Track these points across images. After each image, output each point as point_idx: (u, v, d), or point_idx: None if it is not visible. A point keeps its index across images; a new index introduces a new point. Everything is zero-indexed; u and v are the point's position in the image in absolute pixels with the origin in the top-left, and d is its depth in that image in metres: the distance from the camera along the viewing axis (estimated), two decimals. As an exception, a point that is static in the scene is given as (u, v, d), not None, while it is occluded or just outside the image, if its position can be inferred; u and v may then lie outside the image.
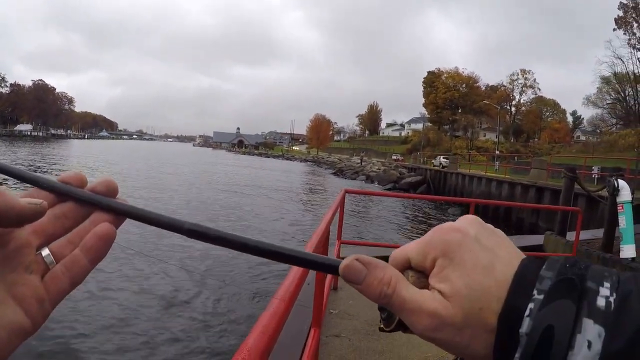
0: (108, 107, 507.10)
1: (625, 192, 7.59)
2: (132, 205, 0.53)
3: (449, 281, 0.46)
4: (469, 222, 0.52)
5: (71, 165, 52.98)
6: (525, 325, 0.41)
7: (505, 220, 27.10)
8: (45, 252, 0.49)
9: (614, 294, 0.40)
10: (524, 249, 6.17)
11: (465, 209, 32.32)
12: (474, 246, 0.48)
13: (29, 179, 0.52)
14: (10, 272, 0.46)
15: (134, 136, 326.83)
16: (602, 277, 0.42)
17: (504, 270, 0.46)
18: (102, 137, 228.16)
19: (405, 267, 0.51)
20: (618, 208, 7.64)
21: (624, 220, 7.51)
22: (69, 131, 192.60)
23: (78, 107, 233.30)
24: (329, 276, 4.36)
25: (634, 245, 7.44)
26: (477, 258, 0.47)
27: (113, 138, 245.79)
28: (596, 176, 29.71)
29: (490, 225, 0.53)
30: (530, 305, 0.41)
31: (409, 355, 4.90)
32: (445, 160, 54.69)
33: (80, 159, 56.25)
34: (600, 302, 0.40)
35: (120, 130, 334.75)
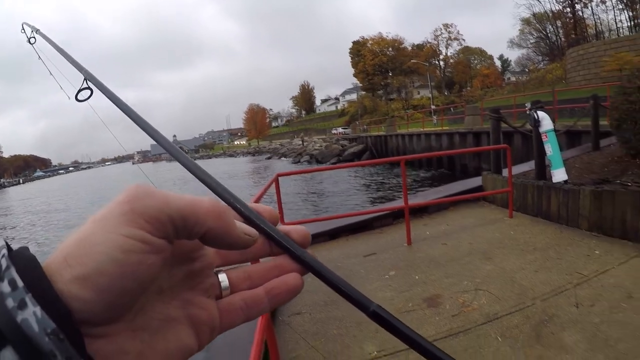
0: (37, 145, 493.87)
1: (546, 122, 7.82)
2: (321, 263, 0.52)
3: None
4: None
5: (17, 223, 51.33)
6: None
7: (451, 168, 27.81)
8: (223, 277, 0.50)
9: None
10: (467, 191, 6.49)
11: (409, 165, 33.03)
12: None
13: (237, 205, 0.51)
14: (188, 291, 0.47)
15: (70, 168, 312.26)
16: None
17: None
18: (38, 178, 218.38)
19: None
20: (542, 137, 7.86)
21: (550, 148, 7.75)
22: (1, 180, 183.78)
23: (6, 153, 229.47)
24: None
25: (563, 169, 7.72)
26: None
27: (49, 176, 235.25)
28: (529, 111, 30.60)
29: None
30: None
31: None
32: (345, 128, 55.33)
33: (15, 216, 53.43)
34: None
35: (55, 166, 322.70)
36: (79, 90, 0.88)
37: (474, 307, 4.96)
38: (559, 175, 7.67)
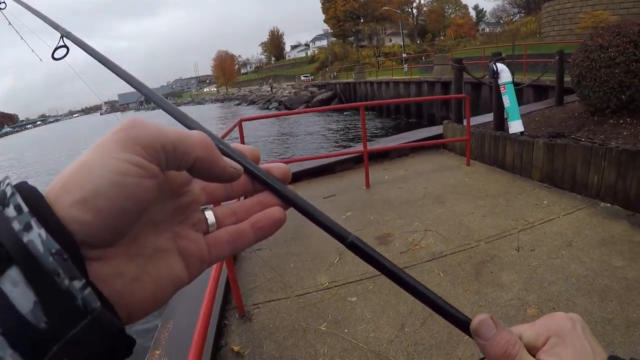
0: (3, 101, 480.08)
1: (505, 74, 8.01)
2: (302, 198, 0.54)
3: (559, 357, 0.51)
4: (578, 317, 0.56)
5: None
6: None
7: (418, 117, 27.96)
8: (209, 213, 0.52)
9: None
10: (427, 139, 6.77)
11: (377, 113, 33.17)
12: (581, 335, 0.53)
13: (220, 146, 0.52)
14: (178, 224, 0.48)
15: (38, 122, 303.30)
16: None
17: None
18: (6, 134, 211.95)
19: None
20: (501, 89, 8.09)
21: (508, 100, 7.95)
22: None
23: None
24: None
25: (520, 121, 7.91)
26: (583, 345, 0.52)
27: (17, 131, 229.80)
28: (506, 63, 30.74)
29: (589, 329, 0.56)
30: None
31: (323, 250, 5.42)
32: (306, 76, 54.82)
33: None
34: None
35: (22, 121, 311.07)
36: (56, 49, 0.90)
37: (421, 245, 5.29)
38: (515, 126, 7.88)
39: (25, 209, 0.34)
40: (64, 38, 0.90)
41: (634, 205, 5.79)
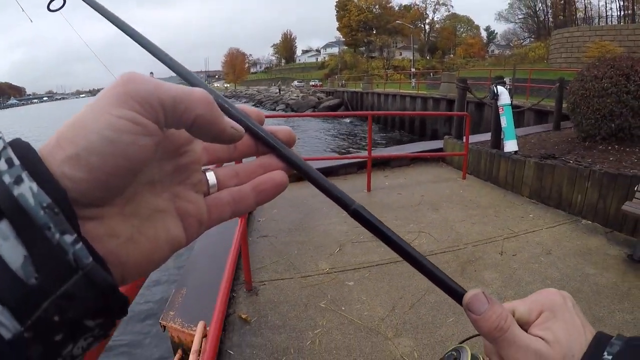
0: (12, 73, 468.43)
1: (504, 97, 8.58)
2: (307, 163, 0.52)
3: (551, 331, 0.53)
4: (568, 295, 0.58)
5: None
6: None
7: (421, 132, 28.22)
8: (210, 174, 0.50)
9: None
10: (428, 151, 7.37)
11: (382, 125, 33.41)
12: (572, 310, 0.55)
13: (224, 105, 0.49)
14: (177, 185, 0.47)
15: (45, 98, 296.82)
16: None
17: (588, 335, 0.53)
18: (11, 106, 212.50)
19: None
20: (499, 110, 8.65)
21: (505, 120, 8.54)
22: None
23: None
24: None
25: (514, 141, 8.52)
26: (574, 320, 0.54)
27: (23, 104, 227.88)
28: (508, 86, 30.94)
29: (578, 306, 0.58)
30: None
31: (324, 241, 5.97)
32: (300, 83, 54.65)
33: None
34: None
35: (29, 95, 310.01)
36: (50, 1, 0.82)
37: (414, 244, 5.76)
38: (510, 146, 8.48)
39: (16, 162, 0.34)
40: None
41: (612, 223, 6.34)
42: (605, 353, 0.49)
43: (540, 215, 7.01)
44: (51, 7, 0.84)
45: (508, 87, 8.79)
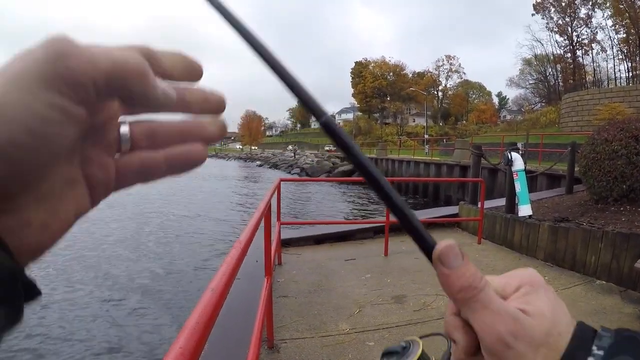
0: None
1: (518, 162, 8.75)
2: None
3: (532, 304, 0.47)
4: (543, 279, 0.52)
5: None
6: None
7: (435, 198, 28.37)
8: (125, 129, 0.44)
9: None
10: (443, 216, 7.52)
11: (397, 188, 33.44)
12: (551, 290, 0.49)
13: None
14: (90, 147, 0.41)
15: None
16: None
17: (568, 322, 0.47)
18: None
19: None
20: (514, 176, 8.81)
21: (519, 185, 8.71)
22: None
23: None
24: (273, 251, 5.09)
25: (529, 205, 8.67)
26: (555, 299, 0.48)
27: None
28: (521, 151, 31.05)
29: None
30: None
31: (344, 303, 6.08)
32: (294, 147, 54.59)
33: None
34: None
35: None
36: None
37: (432, 306, 5.92)
38: (524, 210, 8.62)
39: None
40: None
41: (626, 282, 6.43)
42: (595, 347, 0.44)
43: (555, 277, 7.08)
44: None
45: (521, 152, 8.99)
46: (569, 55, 76.18)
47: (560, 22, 75.00)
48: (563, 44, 76.79)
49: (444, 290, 0.48)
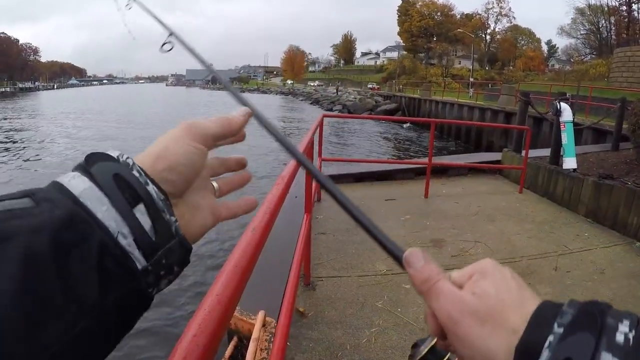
0: (75, 54, 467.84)
1: (566, 113, 8.58)
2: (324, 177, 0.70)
3: (480, 287, 0.53)
4: (508, 268, 0.57)
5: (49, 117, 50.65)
6: (544, 357, 0.43)
7: (477, 143, 28.06)
8: (215, 184, 0.72)
9: (633, 331, 0.42)
10: (486, 162, 7.43)
11: (438, 133, 33.11)
12: (507, 275, 0.55)
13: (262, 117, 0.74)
14: (204, 189, 0.67)
15: (104, 81, 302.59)
16: (621, 315, 0.45)
17: (528, 303, 0.51)
18: (72, 85, 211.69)
19: None
20: (561, 127, 8.64)
21: (566, 137, 8.53)
22: (36, 83, 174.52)
23: (44, 57, 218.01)
24: (314, 187, 5.09)
25: (574, 158, 8.51)
26: (505, 279, 0.54)
27: (83, 85, 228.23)
28: (570, 103, 30.38)
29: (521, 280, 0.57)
30: (550, 338, 0.44)
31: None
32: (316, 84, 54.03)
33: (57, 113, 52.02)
34: (619, 337, 0.42)
35: (90, 77, 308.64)
36: (163, 44, 1.01)
37: (470, 253, 5.93)
38: (569, 163, 8.48)
39: (142, 172, 0.54)
40: (171, 36, 1.01)
41: (667, 247, 6.26)
42: (556, 325, 0.46)
43: (595, 234, 7.00)
44: (164, 49, 1.05)
45: (570, 103, 8.79)
46: (624, 7, 73.78)
47: (617, -29, 72.66)
48: (619, -5, 74.30)
49: (413, 287, 0.58)
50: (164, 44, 1.03)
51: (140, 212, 0.52)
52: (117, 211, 0.50)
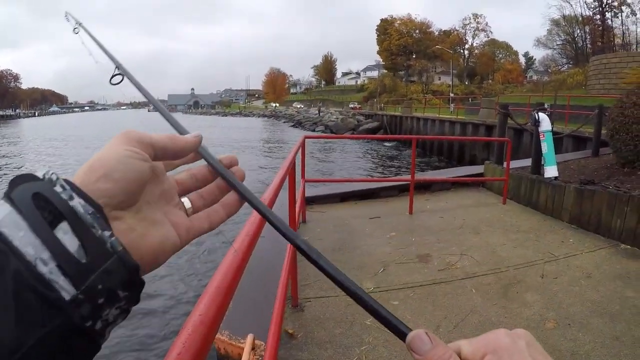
0: (56, 81, 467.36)
1: (545, 123, 8.66)
2: (247, 189, 0.69)
3: None
4: (523, 333, 0.56)
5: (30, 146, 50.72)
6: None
7: (460, 157, 28.13)
8: (185, 199, 0.68)
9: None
10: (468, 176, 7.51)
11: (420, 150, 33.26)
12: (523, 350, 0.52)
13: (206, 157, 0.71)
14: (165, 205, 0.63)
15: (86, 108, 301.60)
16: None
17: None
18: (53, 113, 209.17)
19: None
20: (540, 136, 8.70)
21: (546, 146, 8.59)
22: (17, 110, 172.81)
23: (24, 84, 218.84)
24: (298, 209, 5.11)
25: (555, 167, 8.57)
26: (524, 357, 0.51)
27: (64, 112, 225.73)
28: (548, 112, 30.78)
29: (539, 345, 0.55)
30: None
31: (368, 261, 6.12)
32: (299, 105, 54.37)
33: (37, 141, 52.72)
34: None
35: (71, 103, 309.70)
36: (112, 76, 1.00)
37: (457, 266, 5.94)
38: (550, 171, 8.54)
39: (67, 186, 0.48)
40: (118, 68, 1.01)
41: (652, 247, 6.34)
42: None
43: (580, 239, 7.05)
44: (112, 82, 1.04)
45: (548, 113, 8.89)
46: (598, 17, 75.19)
47: (590, -18, 73.84)
48: (592, 5, 75.88)
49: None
50: (113, 76, 1.03)
51: (63, 231, 0.45)
52: (36, 234, 0.44)
